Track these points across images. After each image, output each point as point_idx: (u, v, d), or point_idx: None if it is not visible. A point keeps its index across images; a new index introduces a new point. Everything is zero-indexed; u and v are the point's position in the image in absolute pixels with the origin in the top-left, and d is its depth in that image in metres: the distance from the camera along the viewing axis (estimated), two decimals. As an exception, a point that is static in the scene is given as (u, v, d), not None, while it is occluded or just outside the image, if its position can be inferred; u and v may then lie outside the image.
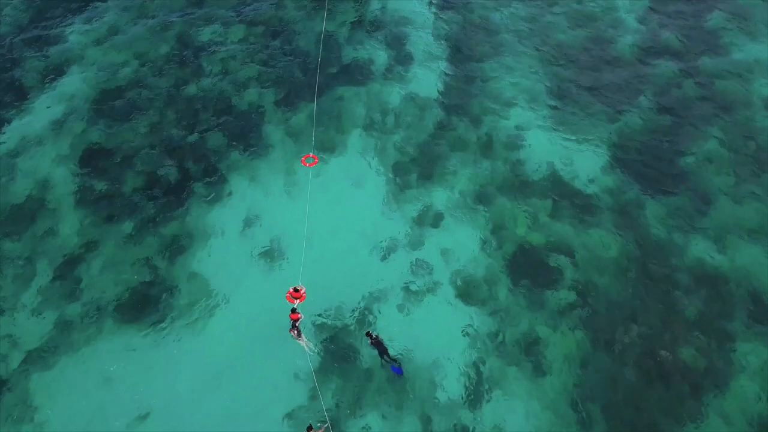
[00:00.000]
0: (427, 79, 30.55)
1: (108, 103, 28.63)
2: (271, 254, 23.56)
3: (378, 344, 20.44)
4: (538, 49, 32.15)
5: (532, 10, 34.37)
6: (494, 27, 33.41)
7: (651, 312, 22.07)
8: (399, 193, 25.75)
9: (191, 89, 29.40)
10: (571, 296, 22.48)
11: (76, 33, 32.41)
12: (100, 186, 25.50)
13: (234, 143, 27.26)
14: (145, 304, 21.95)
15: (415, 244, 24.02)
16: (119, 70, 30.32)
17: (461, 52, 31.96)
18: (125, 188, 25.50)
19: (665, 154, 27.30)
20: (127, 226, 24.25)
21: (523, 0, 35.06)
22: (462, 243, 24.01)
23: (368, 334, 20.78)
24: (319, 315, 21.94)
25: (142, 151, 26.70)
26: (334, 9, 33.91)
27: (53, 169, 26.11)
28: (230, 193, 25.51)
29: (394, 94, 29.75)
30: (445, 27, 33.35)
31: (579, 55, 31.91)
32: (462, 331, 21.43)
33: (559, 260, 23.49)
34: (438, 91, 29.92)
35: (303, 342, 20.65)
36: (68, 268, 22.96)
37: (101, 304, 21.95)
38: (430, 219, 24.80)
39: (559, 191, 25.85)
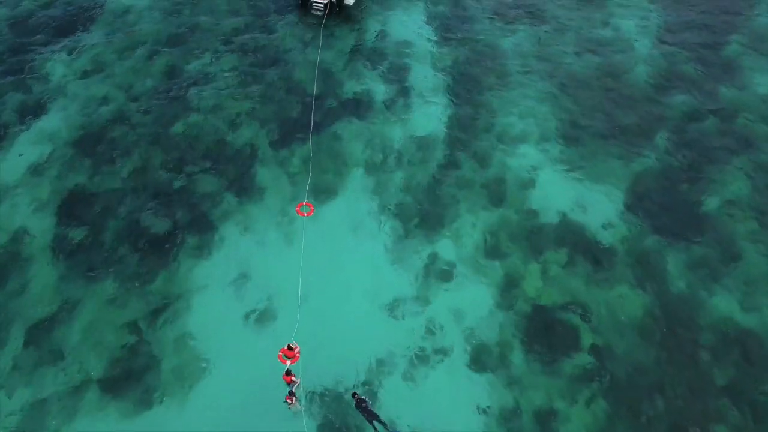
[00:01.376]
0: (430, 113, 28.80)
1: (90, 144, 26.71)
2: (264, 314, 21.71)
3: (364, 410, 18.71)
4: (547, 80, 30.47)
5: (539, 37, 32.69)
6: (500, 56, 31.70)
7: (677, 380, 20.38)
8: (403, 242, 23.98)
9: (179, 127, 27.54)
10: (590, 361, 20.77)
11: (58, 64, 30.48)
12: (80, 237, 23.60)
13: (225, 187, 25.42)
14: (129, 377, 20.06)
15: (421, 301, 22.25)
16: (102, 106, 28.42)
17: (466, 84, 30.23)
18: (107, 239, 23.60)
19: (685, 198, 25.66)
20: (109, 284, 22.36)
21: (530, 26, 33.40)
22: (471, 301, 22.25)
23: (354, 395, 19.10)
24: (316, 382, 20.13)
25: (125, 198, 24.82)
26: (331, 36, 32.16)
27: (29, 217, 24.17)
28: (221, 244, 23.66)
29: (395, 131, 27.99)
30: (448, 56, 31.62)
31: (590, 86, 30.23)
32: (473, 406, 19.65)
33: (576, 320, 21.77)
34: (442, 127, 28.18)
35: (300, 408, 18.93)
36: (43, 333, 21.05)
37: (80, 377, 20.02)
38: (437, 272, 23.05)
39: (574, 240, 24.15)
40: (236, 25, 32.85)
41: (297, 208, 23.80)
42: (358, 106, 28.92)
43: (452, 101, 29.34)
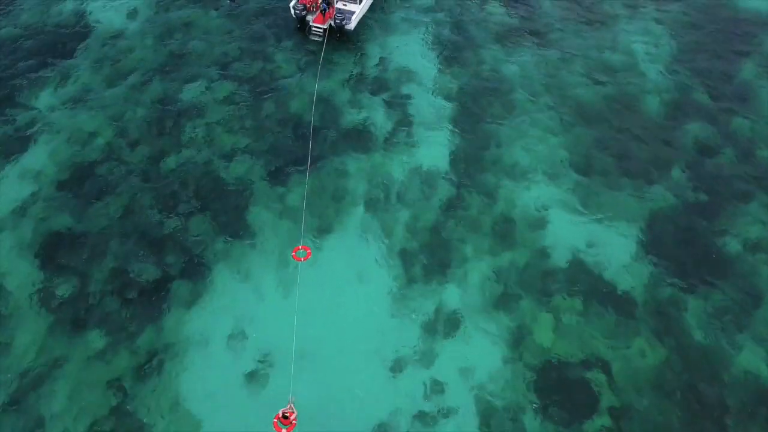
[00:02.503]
0: (434, 146, 27.49)
1: (77, 182, 25.40)
2: (258, 373, 20.35)
3: None
4: (555, 109, 29.16)
5: (547, 62, 31.38)
6: (506, 82, 30.40)
7: (701, 444, 19.09)
8: (406, 289, 22.66)
9: (170, 162, 26.22)
10: (608, 424, 19.44)
11: (44, 93, 29.15)
12: (65, 286, 22.26)
13: (219, 229, 24.10)
14: (114, 445, 18.78)
15: (426, 355, 20.93)
16: (90, 139, 27.09)
17: (470, 114, 28.91)
18: (94, 288, 22.27)
19: (703, 238, 24.37)
20: (96, 338, 21.02)
21: (535, 50, 32.09)
22: (480, 355, 20.94)
23: None
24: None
25: (113, 242, 23.49)
26: (330, 62, 30.84)
27: (11, 264, 22.87)
28: (214, 293, 22.32)
29: (397, 165, 26.69)
30: (452, 83, 30.30)
31: (600, 116, 28.93)
32: (484, 478, 18.39)
33: (592, 376, 20.46)
34: (446, 161, 26.87)
35: None
36: (25, 394, 19.71)
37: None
38: (443, 323, 21.74)
39: (588, 286, 22.85)
40: (231, 51, 31.57)
41: (293, 253, 22.50)
42: (359, 138, 27.62)
43: (456, 132, 28.03)
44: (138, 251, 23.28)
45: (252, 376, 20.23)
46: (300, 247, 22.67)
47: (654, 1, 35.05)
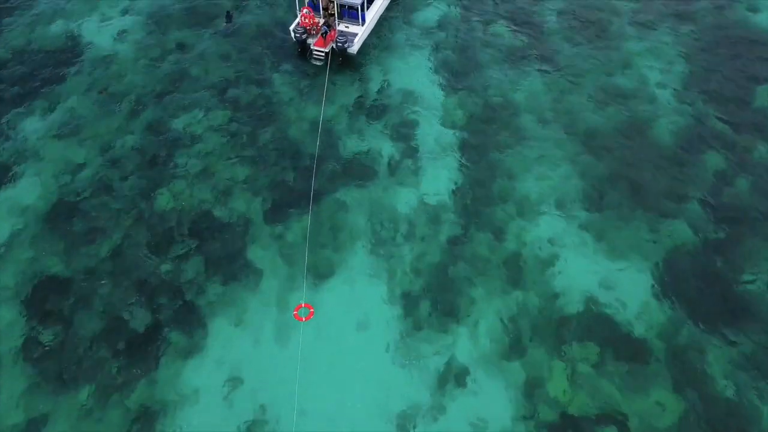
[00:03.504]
0: (440, 178, 26.31)
1: (65, 219, 24.19)
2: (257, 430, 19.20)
3: None
4: (565, 137, 27.99)
5: (555, 86, 30.20)
6: (513, 108, 29.22)
7: None
8: (412, 338, 21.45)
9: (164, 198, 24.99)
10: (629, 487, 18.32)
11: (32, 121, 27.95)
12: (51, 336, 21.05)
13: (214, 272, 22.89)
14: None
15: (435, 411, 19.73)
16: (80, 171, 25.87)
17: (477, 142, 27.74)
18: (81, 338, 21.05)
19: (724, 277, 23.19)
20: (84, 394, 19.80)
21: (544, 73, 30.91)
22: (491, 409, 19.75)
23: None
24: None
25: (103, 286, 22.27)
26: (332, 88, 29.59)
27: (-5, 310, 21.67)
28: (210, 343, 21.11)
29: (402, 199, 25.51)
30: (458, 109, 29.12)
31: (612, 143, 27.76)
32: None
33: (610, 433, 19.31)
34: (453, 194, 25.69)
35: None
36: (7, 459, 18.54)
37: None
38: (452, 374, 20.55)
39: (603, 331, 21.68)
40: (228, 75, 30.36)
41: (294, 312, 21.26)
42: (361, 170, 26.43)
43: (463, 162, 26.85)
44: (128, 296, 22.06)
45: (251, 436, 19.06)
46: (302, 305, 21.42)
47: (664, 21, 33.89)
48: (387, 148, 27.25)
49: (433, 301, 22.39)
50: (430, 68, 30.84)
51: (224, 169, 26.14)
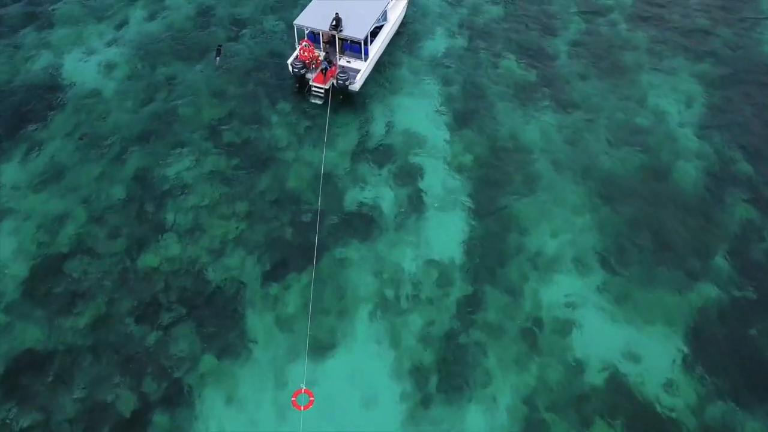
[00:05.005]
0: (448, 231, 24.54)
1: (43, 284, 22.32)
2: None
3: None
4: (581, 183, 26.26)
5: (568, 126, 28.46)
6: (525, 150, 27.46)
7: None
8: (421, 415, 19.70)
9: (151, 258, 23.15)
10: None
11: (9, 169, 26.05)
12: (24, 421, 19.17)
13: (207, 343, 21.07)
14: None
15: (449, 506, 18.03)
16: (60, 228, 23.97)
17: (487, 189, 25.97)
18: (59, 422, 19.20)
19: (756, 346, 21.51)
20: (61, 491, 18.04)
21: (556, 110, 29.15)
22: (510, 505, 18.06)
23: None
24: None
25: (84, 363, 20.42)
26: (332, 128, 27.72)
27: (-34, 392, 19.82)
28: (201, 426, 19.31)
29: (408, 256, 23.73)
30: (465, 151, 27.33)
31: (631, 189, 26.05)
32: None
33: None
34: (462, 250, 23.92)
35: None
36: None
37: None
38: (466, 461, 18.84)
39: (628, 409, 19.95)
40: (220, 115, 28.51)
41: (293, 398, 19.45)
42: (364, 223, 24.63)
43: (473, 213, 25.08)
44: (112, 374, 20.22)
45: None
46: (302, 390, 19.60)
47: (681, 52, 32.17)
48: (392, 198, 25.45)
49: (443, 372, 20.63)
50: (436, 107, 29.02)
51: (217, 224, 24.30)
